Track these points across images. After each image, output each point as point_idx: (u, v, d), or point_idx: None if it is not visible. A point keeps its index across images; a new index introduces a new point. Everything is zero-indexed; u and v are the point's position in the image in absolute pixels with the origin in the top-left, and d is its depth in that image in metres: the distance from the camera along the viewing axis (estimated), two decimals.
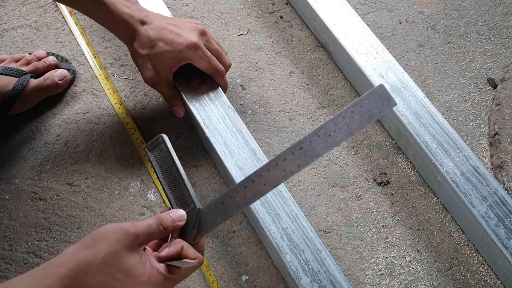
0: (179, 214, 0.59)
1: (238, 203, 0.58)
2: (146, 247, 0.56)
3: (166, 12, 0.87)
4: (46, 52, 0.89)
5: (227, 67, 0.80)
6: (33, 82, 0.84)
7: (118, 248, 0.52)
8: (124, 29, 0.73)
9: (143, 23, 0.73)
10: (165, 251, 0.56)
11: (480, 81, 0.90)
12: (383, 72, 0.81)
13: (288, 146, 0.58)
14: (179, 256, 0.56)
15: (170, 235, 0.60)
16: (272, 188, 0.57)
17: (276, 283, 0.74)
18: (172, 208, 0.61)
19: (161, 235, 0.57)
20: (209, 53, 0.76)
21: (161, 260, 0.55)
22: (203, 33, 0.76)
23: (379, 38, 0.85)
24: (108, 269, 0.51)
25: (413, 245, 0.76)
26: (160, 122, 0.86)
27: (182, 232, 0.60)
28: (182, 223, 0.59)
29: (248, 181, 0.58)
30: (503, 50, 0.93)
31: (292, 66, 0.92)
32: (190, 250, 0.57)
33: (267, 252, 0.75)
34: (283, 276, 0.73)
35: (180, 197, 0.61)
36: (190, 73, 0.80)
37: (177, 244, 0.56)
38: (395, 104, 0.56)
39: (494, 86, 0.90)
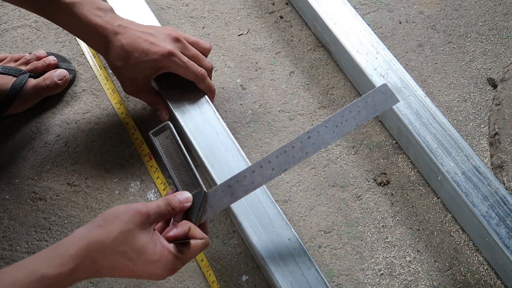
0: (185, 196, 0.61)
1: (246, 186, 0.61)
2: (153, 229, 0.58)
3: (149, 14, 0.87)
4: (46, 52, 0.89)
5: (208, 70, 0.79)
6: (32, 81, 0.84)
7: (130, 227, 0.53)
8: (98, 41, 0.72)
9: (116, 33, 0.71)
10: (173, 232, 0.57)
11: (480, 81, 0.90)
12: (383, 72, 0.81)
13: (299, 135, 0.63)
14: (187, 236, 0.58)
15: (172, 219, 0.61)
16: (280, 173, 0.61)
17: None
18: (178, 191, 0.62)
19: (170, 216, 0.59)
20: (186, 59, 0.74)
21: (169, 240, 0.57)
22: (177, 40, 0.75)
23: (379, 38, 0.85)
24: (120, 248, 0.52)
25: (413, 245, 0.76)
26: (160, 122, 0.85)
27: (187, 214, 0.61)
28: (189, 204, 0.61)
29: (257, 166, 0.62)
30: (503, 50, 0.94)
31: (292, 66, 0.92)
32: (197, 230, 0.59)
33: None
34: None
35: (185, 181, 0.63)
36: (173, 81, 0.79)
37: (184, 225, 0.58)
38: (398, 101, 0.63)
39: (494, 86, 0.90)
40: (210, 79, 0.80)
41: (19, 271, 0.48)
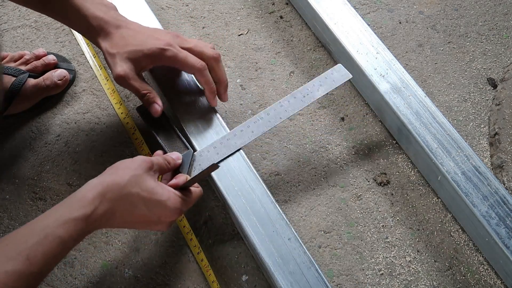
0: (177, 154, 0.70)
1: (230, 147, 0.72)
2: None
3: (149, 14, 0.87)
4: (47, 52, 0.89)
5: (211, 58, 0.73)
6: (32, 81, 0.84)
7: (140, 172, 0.60)
8: (96, 31, 0.71)
9: (117, 26, 0.71)
10: (173, 181, 0.65)
11: (480, 81, 0.90)
12: (383, 72, 0.81)
13: (272, 104, 0.75)
14: (184, 185, 0.66)
15: (162, 178, 0.69)
16: (259, 134, 0.72)
17: None
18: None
19: (166, 170, 0.67)
20: (183, 51, 0.72)
21: (171, 187, 0.64)
22: (176, 36, 0.74)
23: (379, 38, 0.85)
24: (134, 189, 0.59)
25: (413, 245, 0.76)
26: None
27: (176, 173, 0.69)
28: (180, 161, 0.69)
29: (237, 130, 0.73)
30: (503, 50, 0.94)
31: (292, 66, 0.92)
32: (192, 181, 0.67)
33: None
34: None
35: (174, 146, 0.72)
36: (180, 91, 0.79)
37: (182, 176, 0.67)
38: (351, 76, 0.77)
39: (494, 86, 0.90)
40: (218, 69, 0.75)
41: (46, 218, 0.54)
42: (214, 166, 0.63)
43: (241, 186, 0.70)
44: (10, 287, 0.48)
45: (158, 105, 0.72)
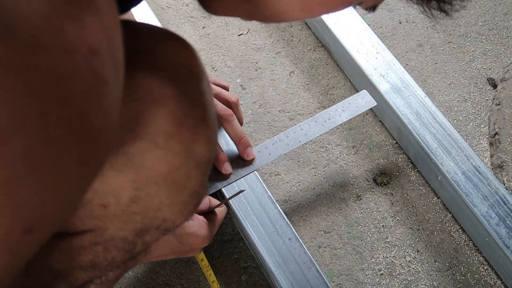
0: None
1: (246, 169, 0.71)
2: None
3: (149, 13, 0.86)
4: None
5: (220, 117, 0.70)
6: None
7: None
8: None
9: None
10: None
11: (480, 81, 0.90)
12: (383, 72, 0.81)
13: (292, 127, 0.73)
14: (209, 207, 0.65)
15: None
16: (276, 157, 0.71)
17: None
18: None
19: None
20: None
21: (197, 213, 0.63)
22: None
23: (379, 38, 0.85)
24: None
25: (413, 245, 0.76)
26: None
27: None
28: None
29: (255, 151, 0.71)
30: (503, 50, 0.94)
31: (292, 66, 0.92)
32: (214, 200, 0.66)
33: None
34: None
35: None
36: None
37: (205, 199, 0.65)
38: (375, 104, 0.75)
39: (494, 86, 0.90)
40: (229, 128, 0.71)
41: None
42: (241, 191, 0.63)
43: (241, 186, 0.70)
44: None
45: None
